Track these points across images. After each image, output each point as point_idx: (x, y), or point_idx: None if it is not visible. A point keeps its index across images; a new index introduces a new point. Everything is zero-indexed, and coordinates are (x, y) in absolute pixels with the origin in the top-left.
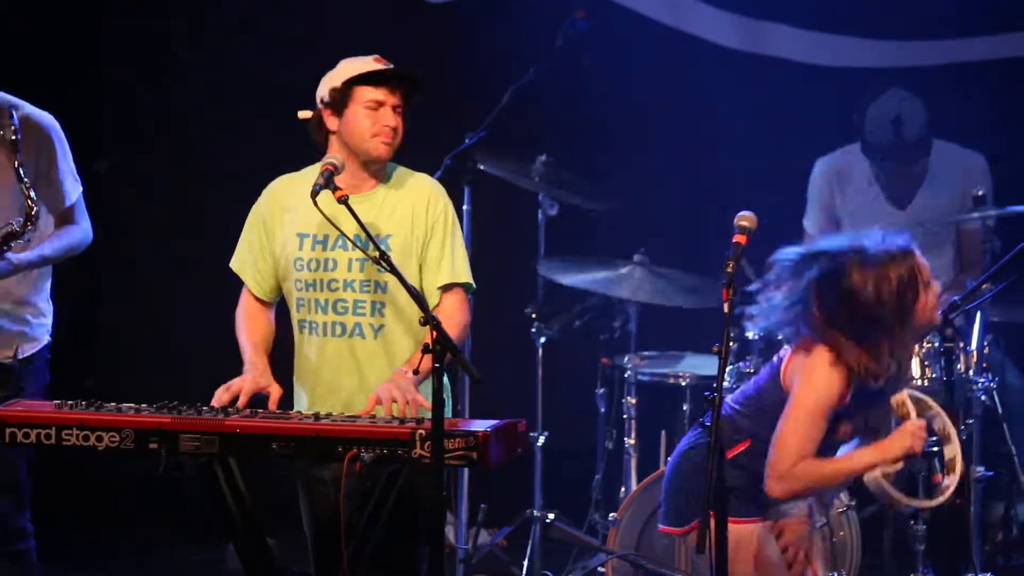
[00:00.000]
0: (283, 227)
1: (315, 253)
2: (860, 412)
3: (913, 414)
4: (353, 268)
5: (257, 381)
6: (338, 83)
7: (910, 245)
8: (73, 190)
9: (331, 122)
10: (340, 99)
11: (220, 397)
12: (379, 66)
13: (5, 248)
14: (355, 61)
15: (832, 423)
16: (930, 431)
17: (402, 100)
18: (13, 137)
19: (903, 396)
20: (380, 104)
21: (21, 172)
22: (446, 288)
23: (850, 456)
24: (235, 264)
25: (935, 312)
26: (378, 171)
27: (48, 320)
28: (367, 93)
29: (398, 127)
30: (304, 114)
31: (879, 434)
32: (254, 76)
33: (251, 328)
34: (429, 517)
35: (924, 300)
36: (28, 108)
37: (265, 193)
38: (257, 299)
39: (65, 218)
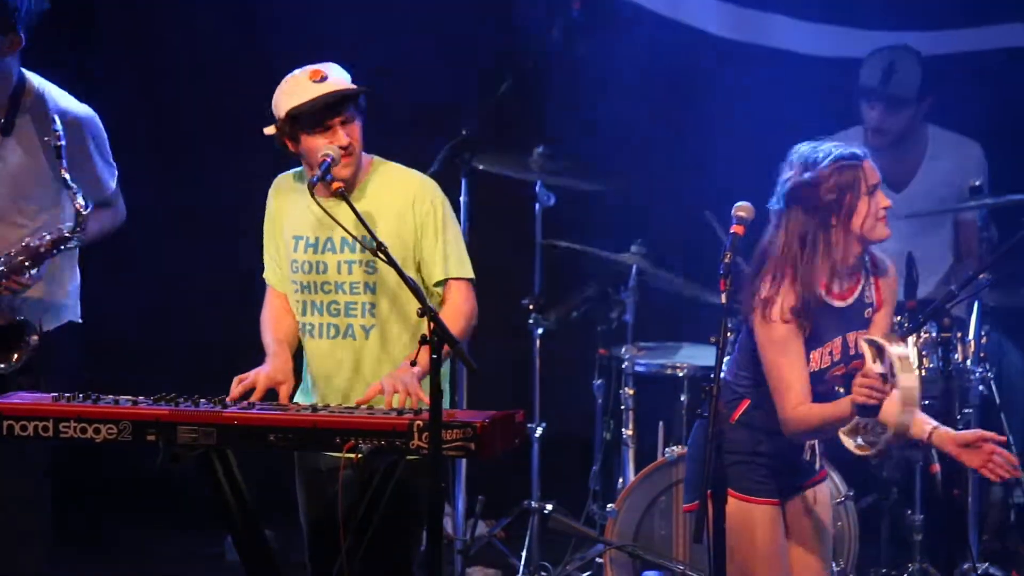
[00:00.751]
0: (284, 227)
1: (307, 256)
2: (827, 335)
3: (868, 360)
4: (343, 270)
5: (273, 376)
6: (281, 114)
7: (860, 153)
8: (109, 179)
9: (291, 145)
10: (289, 131)
11: (233, 390)
12: (312, 90)
13: (55, 252)
14: (290, 84)
15: (807, 354)
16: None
17: (351, 111)
18: (58, 143)
19: (862, 341)
20: (329, 128)
21: (68, 179)
22: (444, 283)
23: (835, 403)
24: (267, 275)
25: (876, 223)
26: (362, 172)
27: (70, 298)
28: (309, 122)
29: (351, 143)
30: (269, 130)
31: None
32: (245, 62)
33: (276, 326)
34: (427, 508)
35: (865, 206)
36: (66, 103)
37: (271, 192)
38: (281, 294)
39: (103, 203)
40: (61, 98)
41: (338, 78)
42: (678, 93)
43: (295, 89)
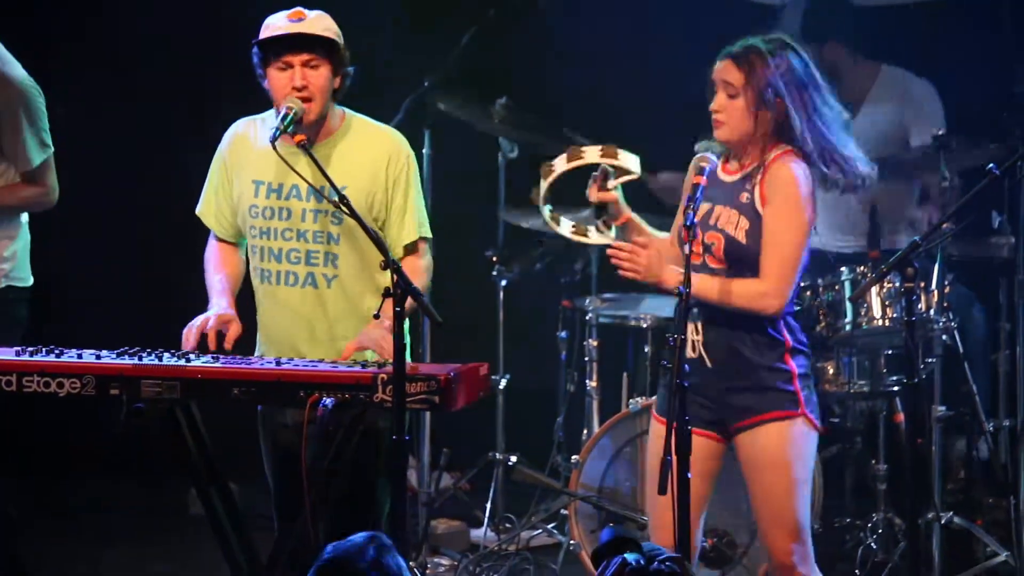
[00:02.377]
0: (241, 172)
1: (269, 201)
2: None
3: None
4: (307, 218)
5: (220, 317)
6: (254, 45)
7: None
8: (36, 155)
9: (264, 81)
10: (259, 61)
11: (187, 339)
12: (284, 27)
13: None
14: (271, 19)
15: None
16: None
17: (320, 55)
18: None
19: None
20: (289, 65)
21: None
22: (412, 242)
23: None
24: (200, 210)
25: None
26: (332, 121)
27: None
28: (274, 55)
29: (310, 84)
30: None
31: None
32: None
33: (217, 268)
34: (391, 461)
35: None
36: (10, 69)
37: (226, 136)
38: (224, 241)
39: (28, 178)
40: (6, 64)
41: (316, 22)
42: (641, 39)
43: (271, 23)
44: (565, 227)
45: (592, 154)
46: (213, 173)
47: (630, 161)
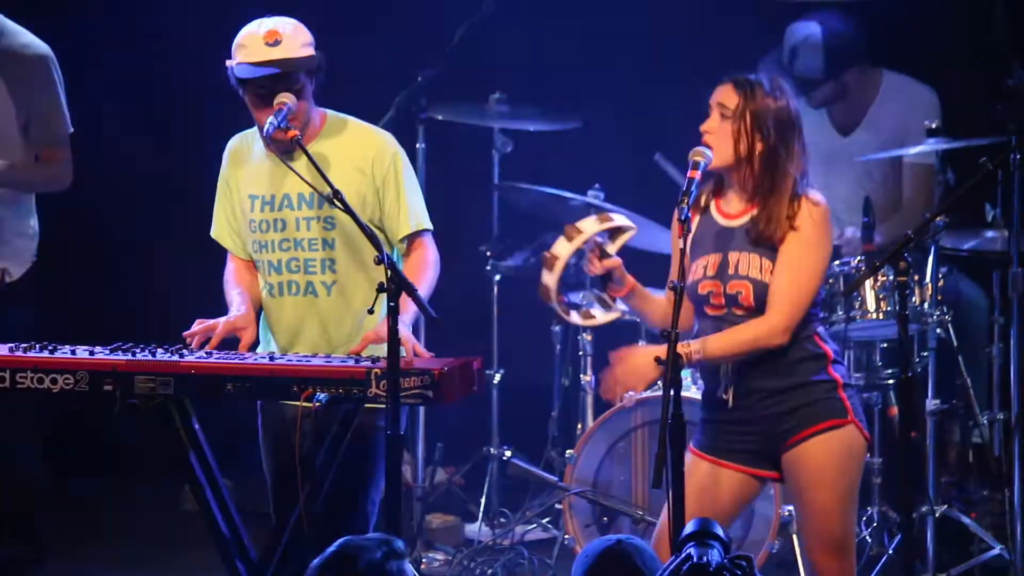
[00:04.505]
0: (240, 187)
1: (264, 214)
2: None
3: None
4: (301, 227)
5: (233, 322)
6: (233, 64)
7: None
8: (68, 122)
9: (241, 92)
10: (237, 91)
11: (193, 328)
12: (262, 53)
13: None
14: (246, 37)
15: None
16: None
17: (296, 81)
18: None
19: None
20: (269, 92)
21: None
22: (408, 237)
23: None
24: (214, 232)
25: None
26: (313, 124)
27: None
28: (251, 87)
29: (294, 108)
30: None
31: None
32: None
33: (238, 281)
34: (386, 456)
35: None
36: (28, 39)
37: (225, 155)
38: (242, 260)
39: (51, 152)
40: (21, 33)
41: (292, 42)
42: (632, 37)
43: (249, 44)
44: (575, 318)
45: (590, 226)
46: (221, 193)
47: (623, 219)
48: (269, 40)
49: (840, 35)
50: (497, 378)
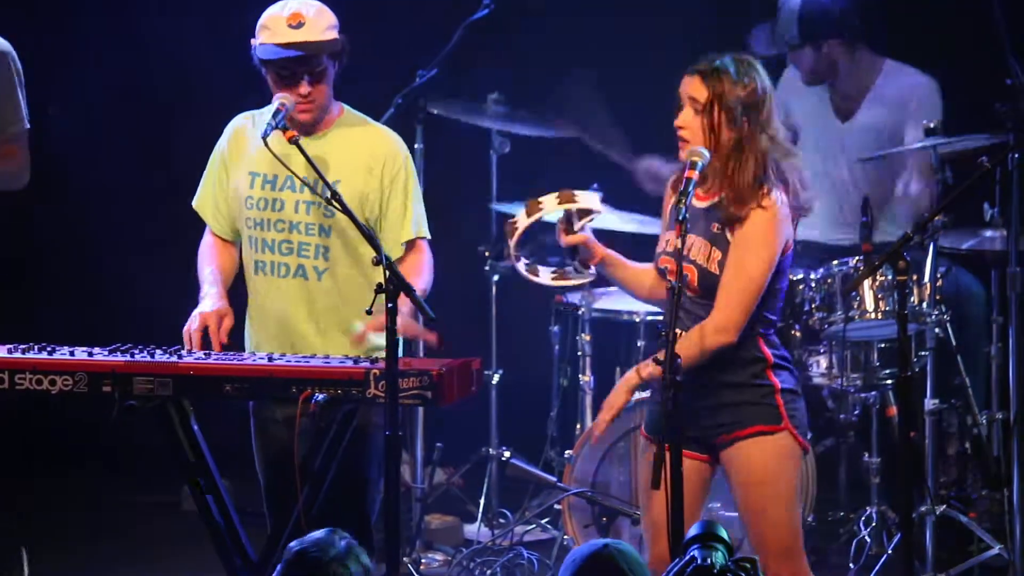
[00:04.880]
0: (239, 165)
1: (264, 192)
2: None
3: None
4: (300, 210)
5: (218, 313)
6: (256, 46)
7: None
8: (26, 118)
9: (264, 71)
10: (260, 70)
11: (189, 341)
12: (285, 35)
13: None
14: (270, 19)
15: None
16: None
17: (318, 64)
18: None
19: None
20: (291, 74)
21: None
22: (409, 242)
23: None
24: (196, 203)
25: None
26: (330, 113)
27: None
28: (273, 67)
29: (312, 93)
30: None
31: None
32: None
33: (210, 260)
34: (384, 457)
35: None
36: None
37: (226, 131)
38: (219, 237)
39: (9, 149)
40: None
41: (315, 25)
42: (627, 38)
43: (272, 26)
44: (545, 276)
45: (550, 203)
46: (212, 167)
47: (589, 200)
48: (293, 22)
49: (816, 4)
50: (496, 378)
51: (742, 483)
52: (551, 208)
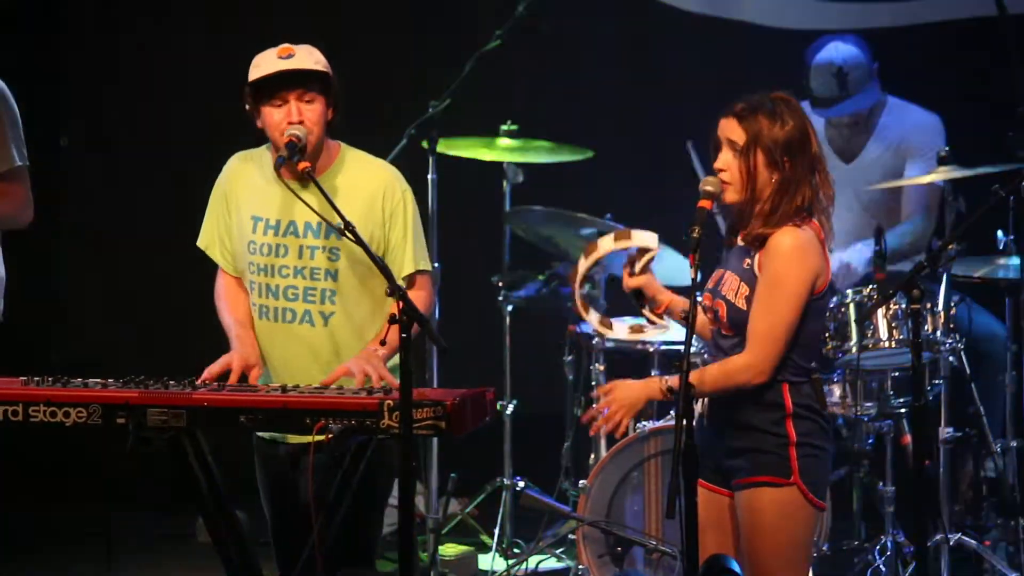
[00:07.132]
0: (240, 207)
1: (267, 238)
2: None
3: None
4: (304, 255)
5: (246, 359)
6: (246, 87)
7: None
8: (20, 156)
9: (258, 121)
10: (252, 101)
11: (211, 374)
12: (275, 66)
13: None
14: (259, 58)
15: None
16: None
17: (313, 89)
18: None
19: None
20: (284, 100)
21: None
22: (410, 276)
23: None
24: (202, 242)
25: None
26: (327, 155)
27: None
28: (268, 93)
29: (306, 118)
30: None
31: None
32: (222, 47)
33: (232, 305)
34: (399, 488)
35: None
36: None
37: (225, 170)
38: (232, 276)
39: (5, 188)
40: None
41: (305, 57)
42: (645, 66)
43: (261, 62)
44: (621, 331)
45: (606, 243)
46: (215, 206)
47: (646, 239)
48: (283, 54)
49: (854, 58)
50: (510, 409)
51: (747, 530)
52: (608, 248)
